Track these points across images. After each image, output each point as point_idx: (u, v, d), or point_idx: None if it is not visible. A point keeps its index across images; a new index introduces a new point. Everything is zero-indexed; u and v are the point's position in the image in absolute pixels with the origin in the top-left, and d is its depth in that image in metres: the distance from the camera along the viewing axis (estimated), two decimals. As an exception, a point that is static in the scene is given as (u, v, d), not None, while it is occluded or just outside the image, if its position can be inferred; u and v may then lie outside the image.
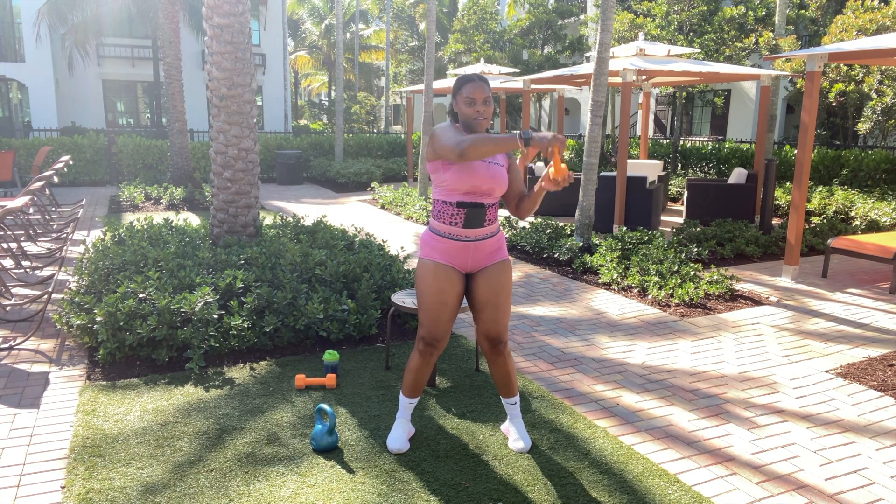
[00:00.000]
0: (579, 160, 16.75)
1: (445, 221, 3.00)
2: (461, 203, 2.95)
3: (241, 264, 5.34)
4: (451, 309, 3.05)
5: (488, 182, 2.92)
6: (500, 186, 2.96)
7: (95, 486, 2.87)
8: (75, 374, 4.08)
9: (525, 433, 3.27)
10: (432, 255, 3.04)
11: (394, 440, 3.21)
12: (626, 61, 9.04)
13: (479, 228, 2.99)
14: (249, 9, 6.15)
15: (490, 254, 3.08)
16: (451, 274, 3.03)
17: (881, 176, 11.57)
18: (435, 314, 3.03)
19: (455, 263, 3.04)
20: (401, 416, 3.28)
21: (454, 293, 3.04)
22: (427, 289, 3.02)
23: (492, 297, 3.05)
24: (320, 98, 45.33)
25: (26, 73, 21.35)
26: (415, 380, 3.18)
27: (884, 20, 10.68)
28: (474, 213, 2.95)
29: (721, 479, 3.03)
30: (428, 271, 3.02)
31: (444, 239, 3.02)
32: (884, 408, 3.79)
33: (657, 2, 14.89)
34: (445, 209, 2.99)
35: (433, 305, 3.02)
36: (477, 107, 2.89)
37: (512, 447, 3.25)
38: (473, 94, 2.88)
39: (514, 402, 3.26)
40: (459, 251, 3.02)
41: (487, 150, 2.71)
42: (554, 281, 6.60)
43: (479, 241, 3.02)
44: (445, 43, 29.37)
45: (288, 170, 15.48)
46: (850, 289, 6.41)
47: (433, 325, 3.05)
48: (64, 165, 9.74)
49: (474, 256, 3.05)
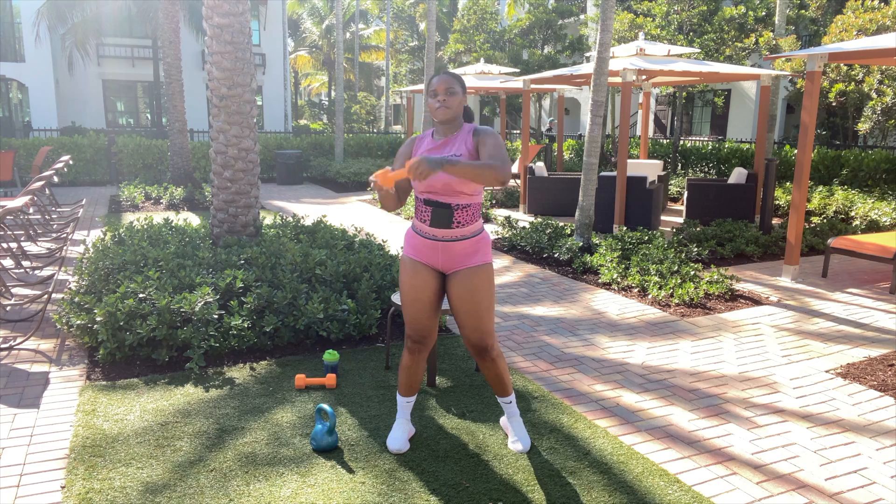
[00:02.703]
0: (579, 160, 16.75)
1: (418, 217, 3.03)
2: (427, 201, 2.96)
3: (241, 264, 5.34)
4: (426, 306, 3.03)
5: (441, 178, 2.88)
6: (458, 182, 2.88)
7: (95, 486, 2.87)
8: (75, 374, 4.08)
9: (524, 433, 3.27)
10: (409, 252, 3.08)
11: (394, 440, 3.21)
12: (626, 61, 9.04)
13: (446, 229, 2.95)
14: (249, 9, 6.15)
15: (464, 256, 3.00)
16: (423, 271, 3.03)
17: (881, 176, 11.57)
18: (411, 311, 3.05)
19: (427, 261, 3.04)
20: (400, 415, 3.29)
21: (427, 290, 3.02)
22: (402, 286, 3.06)
23: (464, 303, 2.99)
24: (320, 98, 45.33)
25: (26, 73, 21.36)
26: (408, 377, 3.19)
27: (884, 20, 10.68)
28: (440, 212, 2.93)
29: (721, 478, 3.03)
30: (404, 267, 3.07)
31: (416, 235, 3.05)
32: (884, 408, 3.79)
33: (657, 2, 14.89)
34: (418, 205, 3.02)
35: (409, 304, 3.05)
36: (439, 96, 2.91)
37: (511, 448, 3.24)
38: (436, 87, 2.92)
39: (510, 401, 3.26)
40: (429, 249, 3.01)
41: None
42: (554, 281, 6.60)
43: (448, 242, 2.97)
44: (445, 43, 29.38)
45: (288, 170, 15.48)
46: (850, 289, 6.41)
47: (413, 322, 3.07)
48: (64, 165, 9.74)
49: (444, 256, 3.00)
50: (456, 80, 2.93)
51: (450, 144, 2.98)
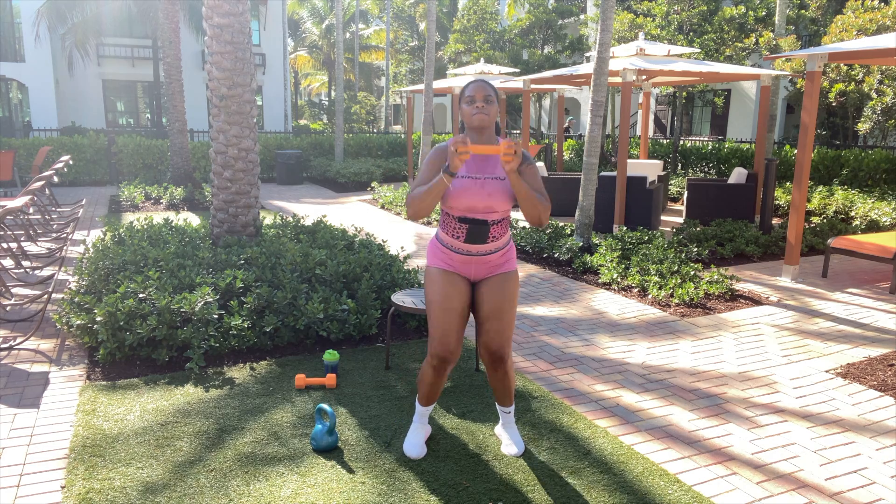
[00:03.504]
0: (579, 160, 16.75)
1: (449, 234, 2.98)
2: (463, 219, 2.91)
3: (241, 264, 5.34)
4: (458, 316, 2.96)
5: (484, 200, 2.86)
6: (499, 202, 2.87)
7: (95, 486, 2.87)
8: (75, 374, 4.08)
9: (518, 438, 3.25)
10: (437, 263, 3.04)
11: (412, 447, 3.17)
12: (626, 61, 9.04)
13: (481, 244, 2.94)
14: (249, 9, 6.15)
15: (497, 265, 3.03)
16: (456, 280, 2.99)
17: (881, 176, 11.57)
18: (444, 323, 2.94)
19: (459, 271, 3.02)
20: (417, 420, 3.25)
21: (460, 299, 2.97)
22: (433, 296, 2.97)
23: (494, 308, 2.97)
24: (320, 98, 45.33)
25: (26, 73, 21.36)
26: (429, 392, 3.12)
27: (884, 20, 10.68)
28: (476, 229, 2.90)
29: (721, 478, 3.03)
30: (433, 278, 3.00)
31: (447, 250, 3.00)
32: (884, 408, 3.79)
33: (657, 2, 14.89)
34: (448, 221, 2.96)
35: (440, 313, 2.94)
36: (477, 103, 2.88)
37: (504, 451, 3.22)
38: (474, 93, 2.89)
39: (509, 410, 3.23)
40: (462, 262, 3.00)
41: (427, 201, 2.79)
42: (554, 281, 6.60)
43: (482, 256, 2.98)
44: (445, 43, 29.38)
45: (288, 170, 15.48)
46: (850, 289, 6.41)
47: (443, 337, 2.93)
48: (64, 165, 9.74)
49: (478, 268, 3.01)
50: (492, 88, 2.91)
51: (491, 164, 2.95)
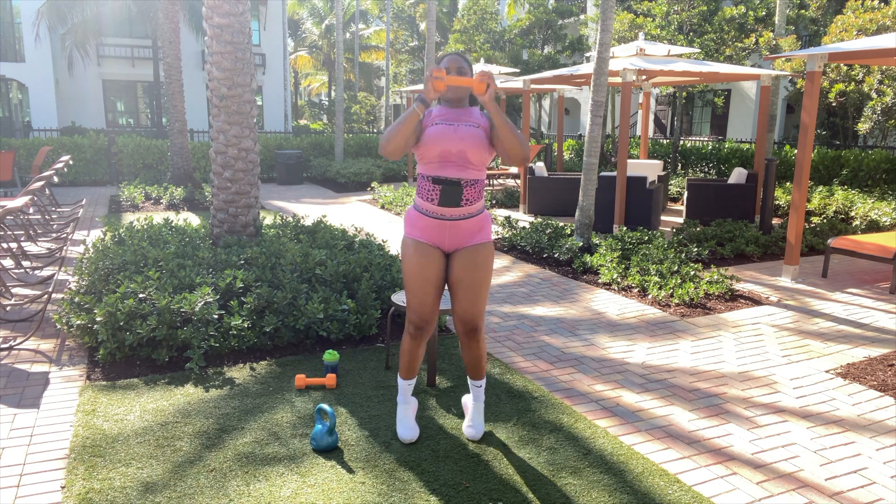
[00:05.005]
0: (579, 160, 16.75)
1: (423, 197, 3.04)
2: (436, 179, 2.98)
3: (241, 264, 5.34)
4: (432, 285, 3.07)
5: (457, 144, 2.94)
6: (473, 148, 2.95)
7: (95, 486, 2.87)
8: (75, 374, 4.08)
9: (480, 421, 3.32)
10: (413, 233, 3.11)
11: (405, 429, 3.26)
12: (626, 61, 9.04)
13: (455, 208, 3.00)
14: (249, 9, 6.15)
15: (470, 234, 3.09)
16: (431, 251, 3.07)
17: (881, 176, 11.57)
18: (420, 293, 3.07)
19: (434, 241, 3.08)
20: (401, 400, 3.33)
21: (434, 269, 3.06)
22: (409, 267, 3.07)
23: (466, 277, 3.06)
24: (320, 98, 45.32)
25: (26, 73, 21.36)
26: (409, 361, 3.24)
27: (884, 20, 10.68)
28: (450, 190, 2.97)
29: (721, 478, 3.02)
30: (409, 249, 3.09)
31: (422, 216, 3.07)
32: (884, 408, 3.79)
33: (657, 2, 14.89)
34: (424, 184, 3.04)
35: (417, 284, 3.06)
36: (451, 74, 2.98)
37: (464, 431, 3.32)
38: (448, 65, 3.01)
39: (480, 385, 3.32)
40: (436, 229, 3.05)
41: (400, 132, 2.86)
42: (554, 281, 6.60)
43: (456, 221, 3.04)
44: (445, 43, 29.38)
45: (288, 170, 15.48)
46: (850, 289, 6.41)
47: (420, 306, 3.09)
48: (64, 165, 9.74)
49: (451, 235, 3.06)
50: (465, 61, 3.03)
51: (465, 116, 3.05)
